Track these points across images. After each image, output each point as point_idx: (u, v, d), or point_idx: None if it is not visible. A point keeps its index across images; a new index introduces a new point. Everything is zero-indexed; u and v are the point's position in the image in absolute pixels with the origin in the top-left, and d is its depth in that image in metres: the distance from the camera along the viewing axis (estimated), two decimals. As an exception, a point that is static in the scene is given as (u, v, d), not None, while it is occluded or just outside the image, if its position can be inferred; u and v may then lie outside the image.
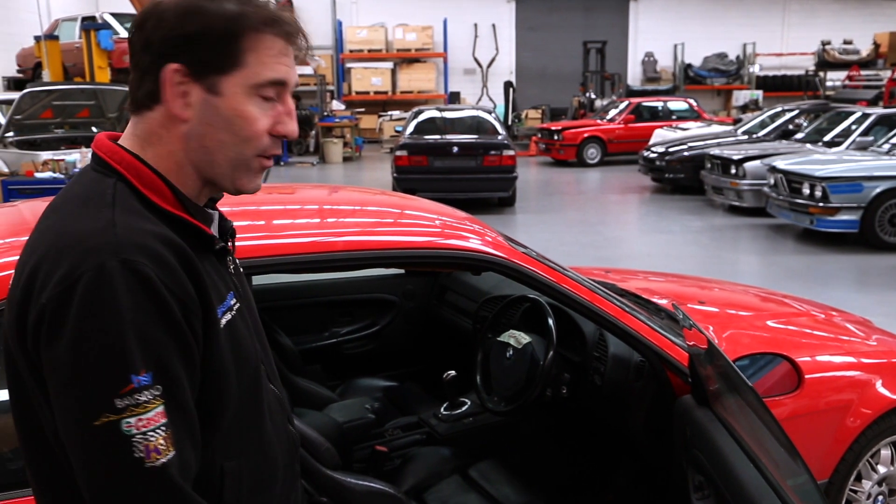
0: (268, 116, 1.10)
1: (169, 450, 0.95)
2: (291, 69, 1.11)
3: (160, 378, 0.96)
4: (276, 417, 1.22)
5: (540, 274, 2.16)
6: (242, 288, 1.22)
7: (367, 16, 22.28)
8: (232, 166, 1.10)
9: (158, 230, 1.02)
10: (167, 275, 0.98)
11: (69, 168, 7.33)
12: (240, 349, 1.11)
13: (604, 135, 16.01)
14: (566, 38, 22.26)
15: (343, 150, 17.60)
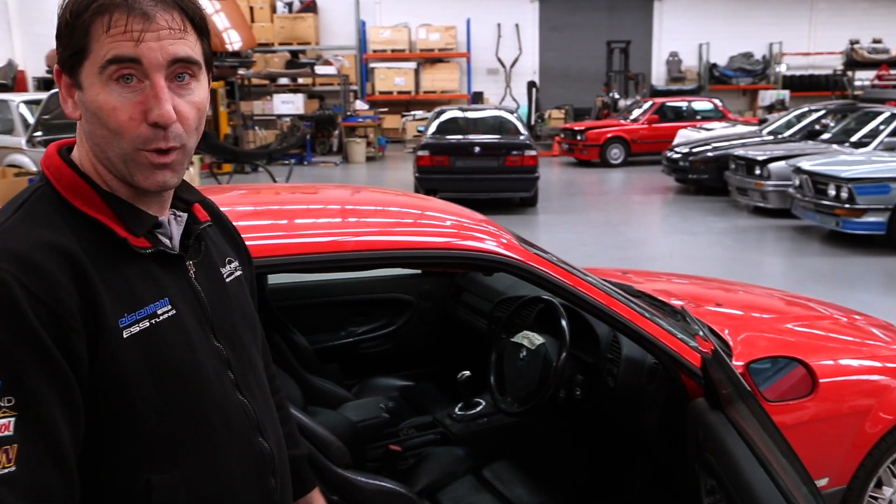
0: (131, 104, 1.02)
1: (6, 466, 0.90)
2: (142, 45, 1.00)
3: (11, 389, 0.92)
4: (235, 429, 1.14)
5: (552, 275, 2.15)
6: (212, 293, 1.17)
7: (391, 16, 22.33)
8: (122, 162, 1.05)
9: (48, 238, 0.99)
10: (37, 283, 0.95)
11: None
12: (161, 358, 1.05)
13: (627, 135, 15.91)
14: (590, 37, 22.15)
15: (366, 149, 17.66)
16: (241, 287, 1.27)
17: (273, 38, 21.32)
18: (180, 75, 1.04)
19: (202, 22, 1.08)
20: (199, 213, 1.22)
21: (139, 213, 1.09)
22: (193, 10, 1.06)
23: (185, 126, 1.06)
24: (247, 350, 1.23)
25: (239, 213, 2.29)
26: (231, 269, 1.26)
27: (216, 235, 1.27)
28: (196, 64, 1.06)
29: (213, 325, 1.15)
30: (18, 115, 9.83)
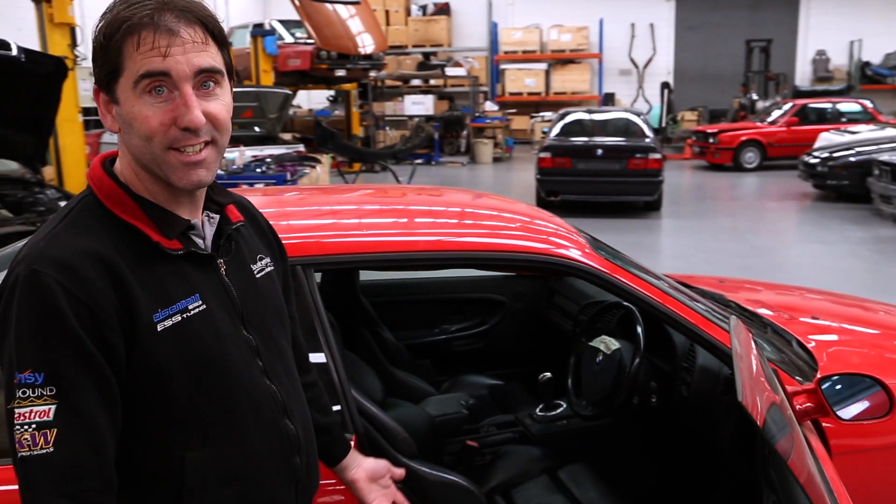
0: (162, 111, 1.11)
1: (44, 448, 1.04)
2: (169, 59, 1.10)
3: (52, 380, 1.05)
4: (262, 412, 1.25)
5: (623, 281, 2.16)
6: (242, 288, 1.27)
7: (523, 17, 22.35)
8: (157, 165, 1.15)
9: (87, 245, 1.11)
10: (77, 286, 1.07)
11: (228, 165, 7.91)
12: (192, 349, 1.16)
13: (763, 138, 15.21)
14: (729, 36, 21.30)
15: (493, 150, 17.80)
16: (271, 282, 1.37)
17: (407, 41, 21.84)
18: (206, 83, 1.14)
19: (221, 35, 1.18)
20: (232, 214, 1.31)
21: (172, 217, 1.20)
22: (213, 24, 1.16)
23: (216, 125, 1.15)
24: (275, 339, 1.33)
25: (314, 213, 2.44)
26: (262, 265, 1.36)
27: (249, 234, 1.37)
28: (219, 72, 1.16)
29: (242, 317, 1.26)
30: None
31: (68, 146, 7.52)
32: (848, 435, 2.06)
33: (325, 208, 2.40)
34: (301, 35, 14.59)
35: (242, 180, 7.44)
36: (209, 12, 1.16)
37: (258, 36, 12.38)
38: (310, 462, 1.37)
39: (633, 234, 9.19)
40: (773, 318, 2.71)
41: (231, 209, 1.31)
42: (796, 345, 2.49)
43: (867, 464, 2.12)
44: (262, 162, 8.30)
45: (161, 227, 1.18)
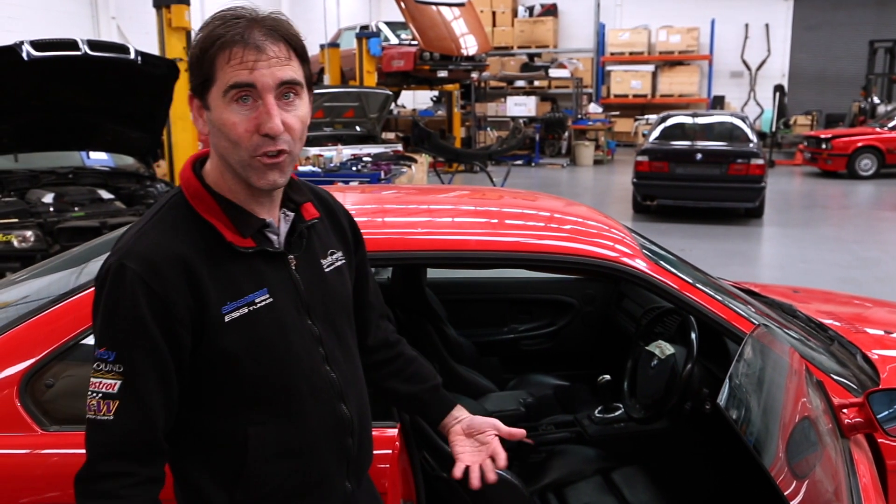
0: (248, 119, 1.23)
1: (106, 415, 1.22)
2: (255, 72, 1.22)
3: (121, 360, 1.23)
4: (320, 396, 1.38)
5: (673, 287, 2.18)
6: (310, 282, 1.39)
7: (631, 18, 21.98)
8: (241, 167, 1.27)
9: (168, 243, 1.26)
10: (155, 281, 1.22)
11: (325, 163, 8.22)
12: (257, 337, 1.30)
13: (882, 144, 14.42)
14: (851, 36, 20.28)
15: (594, 153, 17.62)
16: (340, 275, 1.47)
17: (512, 42, 21.89)
18: (286, 94, 1.26)
19: (303, 51, 1.30)
20: (307, 212, 1.42)
21: (248, 216, 1.32)
22: (296, 42, 1.28)
23: (292, 134, 1.27)
24: (338, 329, 1.44)
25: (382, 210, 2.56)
26: (332, 259, 1.46)
27: (324, 229, 1.47)
28: (299, 84, 1.27)
29: (308, 308, 1.38)
30: (274, 115, 11.05)
31: (180, 142, 8.00)
32: (895, 452, 2.02)
33: (389, 206, 2.52)
34: (406, 36, 14.90)
35: (338, 178, 7.73)
36: (294, 31, 1.28)
37: (363, 38, 12.74)
38: (362, 443, 1.48)
39: (730, 242, 8.94)
40: (841, 331, 2.65)
41: (307, 207, 1.42)
42: (860, 358, 2.44)
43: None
44: (359, 160, 8.56)
45: (237, 226, 1.31)
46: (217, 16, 1.25)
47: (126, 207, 6.02)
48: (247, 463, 1.32)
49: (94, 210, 5.70)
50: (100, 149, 6.56)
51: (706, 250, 8.17)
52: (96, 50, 5.32)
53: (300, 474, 1.37)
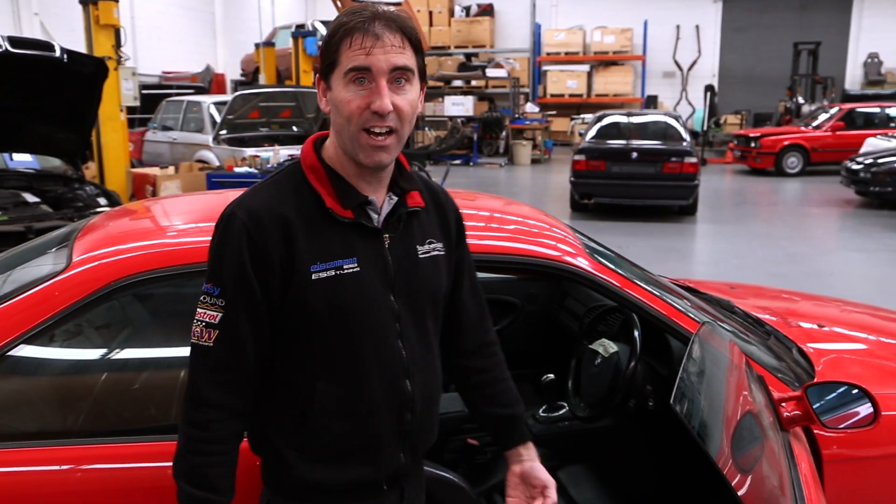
0: (361, 97, 1.36)
1: (207, 342, 1.40)
2: (371, 57, 1.35)
3: (224, 295, 1.39)
4: (387, 368, 1.47)
5: (615, 285, 2.20)
6: (402, 262, 1.48)
7: (567, 18, 22.29)
8: (352, 144, 1.39)
9: (274, 202, 1.41)
10: (256, 232, 1.38)
11: (262, 164, 8.08)
12: (338, 299, 1.41)
13: (807, 143, 14.95)
14: (777, 38, 20.98)
15: (532, 152, 17.79)
16: (435, 265, 1.54)
17: (449, 42, 21.94)
18: (398, 79, 1.38)
19: (418, 42, 1.42)
20: (412, 199, 1.52)
21: (352, 190, 1.44)
22: (412, 33, 1.40)
23: (400, 115, 1.39)
24: (419, 312, 1.52)
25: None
26: (430, 248, 1.54)
27: (428, 219, 1.56)
28: (410, 71, 1.39)
29: (393, 285, 1.47)
30: (208, 116, 10.85)
31: (110, 143, 7.77)
32: (837, 444, 2.06)
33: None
34: (342, 36, 14.74)
35: (276, 179, 7.58)
36: (410, 24, 1.41)
37: (299, 36, 12.58)
38: (422, 421, 1.54)
39: (665, 239, 9.13)
40: (777, 325, 2.71)
41: (413, 195, 1.52)
42: (796, 352, 2.49)
43: (857, 473, 2.12)
44: (297, 161, 8.44)
45: (340, 197, 1.43)
46: (347, 10, 1.40)
47: (53, 211, 5.80)
48: (310, 414, 1.44)
49: (18, 214, 5.47)
50: (24, 150, 6.32)
51: (643, 247, 8.31)
52: (18, 47, 5.11)
53: (356, 436, 1.46)
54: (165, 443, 1.75)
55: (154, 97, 13.47)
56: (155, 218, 2.40)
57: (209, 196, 2.96)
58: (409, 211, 1.50)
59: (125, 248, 1.95)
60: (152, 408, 2.03)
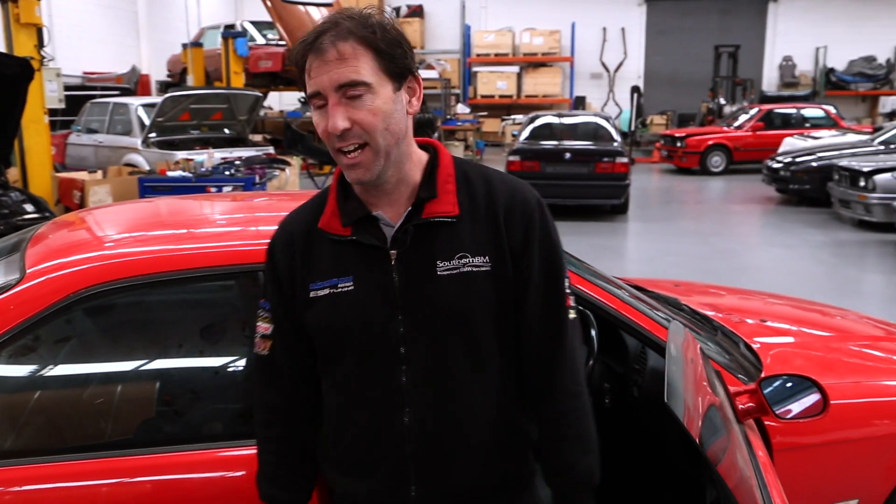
0: (324, 121, 1.32)
1: (263, 351, 1.50)
2: (316, 79, 1.29)
3: (271, 310, 1.48)
4: (381, 398, 1.40)
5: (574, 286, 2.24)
6: (411, 280, 1.36)
7: (496, 20, 22.50)
8: (340, 164, 1.38)
9: (294, 220, 1.49)
10: (275, 248, 1.47)
11: (196, 167, 7.90)
12: (327, 320, 1.41)
13: (729, 142, 15.49)
14: (699, 41, 21.63)
15: (464, 152, 17.89)
16: (463, 282, 1.36)
17: (379, 43, 21.84)
18: (350, 95, 1.29)
19: (381, 43, 1.30)
20: (435, 208, 1.38)
21: (353, 206, 1.41)
22: (369, 35, 1.29)
23: (364, 128, 1.30)
24: (439, 335, 1.37)
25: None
26: (458, 263, 1.36)
27: (463, 230, 1.38)
28: (362, 84, 1.29)
29: (398, 306, 1.37)
30: (136, 118, 10.55)
31: (33, 147, 7.48)
32: (787, 433, 2.16)
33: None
34: (273, 36, 14.56)
35: (210, 183, 7.45)
36: (369, 24, 1.30)
37: (229, 37, 12.35)
38: (435, 456, 1.40)
39: (599, 237, 9.33)
40: (723, 321, 2.81)
41: (436, 204, 1.38)
42: (743, 347, 2.59)
43: (805, 460, 2.22)
44: (231, 164, 8.29)
45: (341, 213, 1.42)
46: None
47: (-25, 218, 5.57)
48: (331, 418, 1.48)
49: (-60, 223, 5.23)
50: (-57, 156, 6.02)
51: (579, 246, 8.44)
52: (-62, 48, 4.88)
53: (364, 450, 1.44)
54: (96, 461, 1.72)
55: (76, 99, 13.01)
56: (108, 226, 2.34)
57: (163, 202, 2.90)
58: (426, 223, 1.37)
59: (84, 258, 1.89)
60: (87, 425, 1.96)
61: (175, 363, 2.00)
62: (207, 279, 1.94)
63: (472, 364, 1.40)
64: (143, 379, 1.99)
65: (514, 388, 1.45)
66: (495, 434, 1.43)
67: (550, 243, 1.44)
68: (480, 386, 1.41)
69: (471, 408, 1.41)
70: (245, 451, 1.70)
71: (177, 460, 1.78)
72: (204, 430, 1.92)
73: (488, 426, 1.42)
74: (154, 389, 1.95)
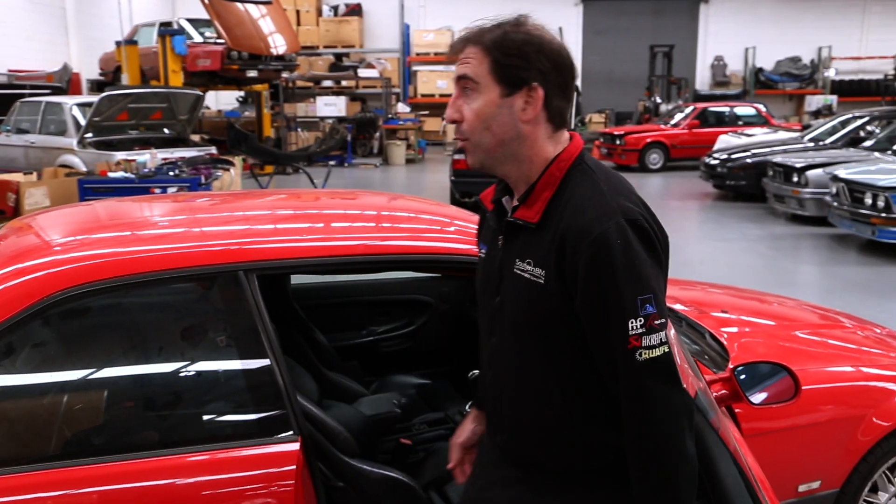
0: None
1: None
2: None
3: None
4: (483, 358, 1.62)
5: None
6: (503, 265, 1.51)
7: (435, 19, 22.53)
8: None
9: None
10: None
11: (139, 168, 7.71)
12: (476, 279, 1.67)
13: (667, 140, 15.85)
14: (634, 41, 22.07)
15: (406, 152, 17.88)
16: (521, 284, 1.46)
17: (318, 41, 21.67)
18: (464, 88, 1.47)
19: (498, 51, 1.44)
20: (521, 212, 1.47)
21: (500, 188, 1.56)
22: (488, 42, 1.45)
23: (466, 125, 1.47)
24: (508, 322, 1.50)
25: (249, 218, 2.46)
26: (522, 266, 1.46)
27: (535, 240, 1.44)
28: (472, 80, 1.45)
29: (498, 285, 1.52)
30: (71, 118, 10.22)
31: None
32: (758, 418, 2.24)
33: (261, 213, 2.42)
34: (211, 35, 14.30)
35: (154, 184, 7.27)
36: (486, 34, 1.46)
37: (166, 35, 12.08)
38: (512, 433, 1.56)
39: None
40: (687, 313, 2.89)
41: (523, 208, 1.48)
42: (709, 337, 2.67)
43: (774, 445, 2.30)
44: (175, 165, 8.11)
45: (495, 191, 1.59)
46: None
47: None
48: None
49: None
50: None
51: (527, 243, 8.54)
52: None
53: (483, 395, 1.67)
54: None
55: (3, 98, 12.56)
56: (74, 226, 2.27)
57: (126, 202, 2.83)
58: (508, 221, 1.49)
59: (59, 260, 1.84)
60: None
61: (155, 367, 1.95)
62: (189, 280, 1.90)
63: (520, 361, 1.51)
64: (122, 385, 1.94)
65: (561, 397, 1.48)
66: (540, 425, 1.51)
67: (599, 280, 1.35)
68: (532, 377, 1.50)
69: (517, 398, 1.53)
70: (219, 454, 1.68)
71: (157, 465, 1.75)
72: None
73: (535, 416, 1.51)
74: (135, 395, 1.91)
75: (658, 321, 1.36)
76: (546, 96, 1.44)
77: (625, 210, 1.37)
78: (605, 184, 1.42)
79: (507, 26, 1.46)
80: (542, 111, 1.45)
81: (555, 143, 1.48)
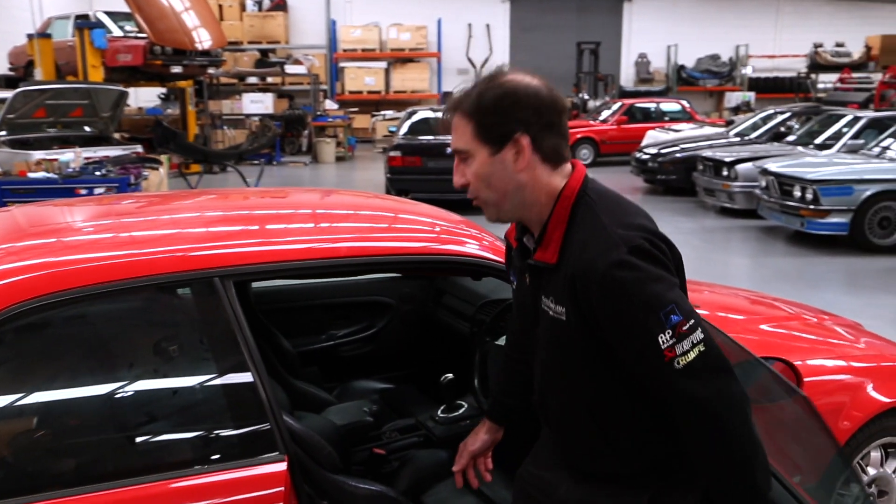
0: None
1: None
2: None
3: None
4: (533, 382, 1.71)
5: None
6: (530, 279, 1.60)
7: (362, 15, 22.28)
8: None
9: None
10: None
11: (62, 168, 7.30)
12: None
13: (596, 136, 16.07)
14: (560, 38, 22.32)
15: (336, 149, 17.62)
16: (547, 319, 1.55)
17: (242, 37, 21.16)
18: (462, 158, 1.53)
19: (477, 114, 1.48)
20: (539, 254, 1.54)
21: (521, 226, 1.63)
22: (466, 109, 1.50)
23: (471, 186, 1.54)
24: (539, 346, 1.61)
25: (209, 219, 2.30)
26: (548, 303, 1.54)
27: (559, 277, 1.50)
28: (464, 152, 1.52)
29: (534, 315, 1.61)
30: (-18, 115, 9.65)
31: None
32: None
33: (226, 214, 2.25)
34: (131, 28, 13.74)
35: (80, 184, 6.90)
36: (465, 100, 1.51)
37: (84, 28, 11.53)
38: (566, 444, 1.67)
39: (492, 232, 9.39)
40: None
41: (540, 250, 1.54)
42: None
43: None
44: (101, 164, 7.72)
45: (517, 228, 1.68)
46: None
47: None
48: None
49: None
50: None
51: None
52: None
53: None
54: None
55: None
56: (30, 232, 2.06)
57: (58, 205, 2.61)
58: (530, 264, 1.57)
59: (18, 268, 1.65)
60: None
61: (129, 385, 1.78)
62: (160, 289, 1.74)
63: (563, 382, 1.60)
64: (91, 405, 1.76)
65: (604, 412, 1.57)
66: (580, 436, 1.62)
67: (617, 314, 1.43)
68: (573, 396, 1.59)
69: (559, 409, 1.65)
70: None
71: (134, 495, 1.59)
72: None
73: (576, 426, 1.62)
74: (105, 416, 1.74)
75: (686, 326, 1.41)
76: (534, 141, 1.48)
77: (626, 239, 1.42)
78: (606, 216, 1.48)
79: (482, 85, 1.50)
80: (533, 156, 1.49)
81: (560, 178, 1.53)
